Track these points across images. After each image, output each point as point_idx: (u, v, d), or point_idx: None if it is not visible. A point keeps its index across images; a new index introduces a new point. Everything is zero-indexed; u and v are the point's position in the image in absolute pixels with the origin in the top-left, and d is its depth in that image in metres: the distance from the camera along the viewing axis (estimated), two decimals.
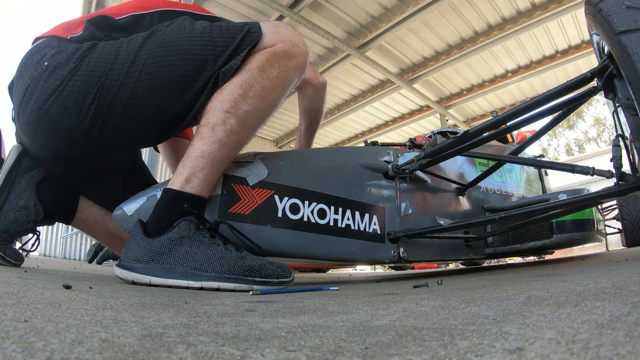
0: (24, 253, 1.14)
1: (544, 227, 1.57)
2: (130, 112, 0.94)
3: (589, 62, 5.36)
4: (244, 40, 0.97)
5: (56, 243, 6.98)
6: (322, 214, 1.17)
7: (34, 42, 1.01)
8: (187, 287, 0.81)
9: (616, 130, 0.93)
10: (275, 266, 0.87)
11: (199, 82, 0.95)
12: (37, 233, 1.16)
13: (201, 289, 0.81)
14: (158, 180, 1.29)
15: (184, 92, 0.95)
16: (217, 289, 0.82)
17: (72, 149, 0.98)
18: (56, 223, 1.25)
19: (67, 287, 0.65)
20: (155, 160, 4.10)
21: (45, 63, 0.92)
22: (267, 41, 0.99)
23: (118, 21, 1.06)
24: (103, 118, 0.93)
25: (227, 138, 0.92)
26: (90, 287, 0.72)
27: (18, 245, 1.12)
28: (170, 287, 0.82)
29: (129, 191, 1.13)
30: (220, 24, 1.00)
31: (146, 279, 0.83)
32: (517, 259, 4.91)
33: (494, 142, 2.14)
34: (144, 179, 1.30)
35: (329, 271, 5.68)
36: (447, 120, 6.77)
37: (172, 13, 1.10)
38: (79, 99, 0.91)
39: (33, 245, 1.16)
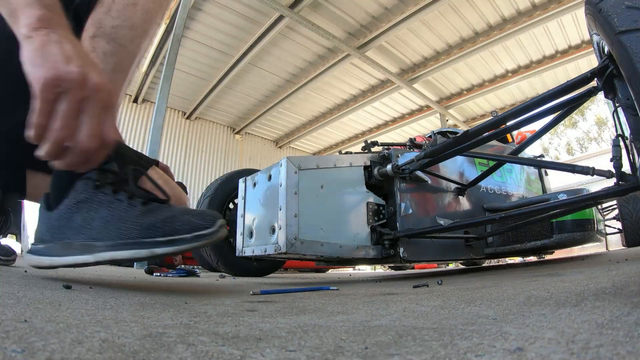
0: (4, 239, 1.10)
1: (544, 227, 1.57)
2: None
3: (589, 62, 5.36)
4: None
5: None
6: None
7: None
8: (84, 264, 0.67)
9: (616, 130, 0.93)
10: (189, 216, 0.66)
11: None
12: (7, 211, 1.08)
13: (97, 264, 0.67)
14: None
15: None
16: (112, 261, 0.66)
17: None
18: None
19: (67, 287, 0.65)
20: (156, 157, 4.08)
21: None
22: None
23: None
24: None
25: (103, 64, 0.73)
26: (91, 287, 0.72)
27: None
28: (70, 266, 0.68)
29: None
30: None
31: (46, 261, 0.70)
32: (517, 259, 4.91)
33: (494, 142, 2.14)
34: None
35: (329, 271, 5.68)
36: (447, 120, 6.77)
37: None
38: None
39: (5, 225, 1.10)
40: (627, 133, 0.84)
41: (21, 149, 1.03)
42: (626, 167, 0.89)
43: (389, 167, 1.39)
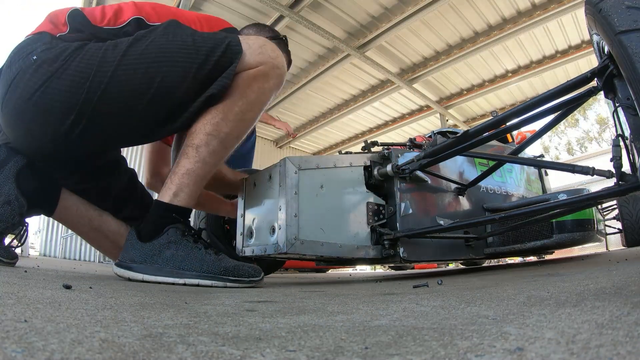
0: (17, 247, 1.13)
1: (544, 227, 1.57)
2: (114, 115, 0.99)
3: (589, 62, 5.35)
4: (225, 55, 1.02)
5: (56, 243, 6.97)
6: None
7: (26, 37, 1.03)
8: (173, 283, 0.94)
9: (616, 130, 0.93)
10: (247, 267, 1.00)
11: (181, 90, 1.00)
12: (25, 225, 1.15)
13: (184, 284, 0.94)
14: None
15: (167, 100, 1.01)
16: (197, 285, 0.95)
17: (52, 143, 1.01)
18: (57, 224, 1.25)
19: (67, 287, 0.65)
20: None
21: (34, 57, 0.94)
22: (251, 61, 1.05)
23: (99, 28, 1.07)
24: (87, 117, 0.96)
25: (209, 157, 1.04)
26: (90, 287, 0.72)
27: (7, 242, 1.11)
28: (159, 283, 0.95)
29: (110, 192, 1.21)
30: (202, 34, 1.04)
31: (139, 276, 0.97)
32: (517, 259, 4.91)
33: (494, 142, 2.13)
34: (130, 183, 1.30)
35: (329, 271, 5.68)
36: (447, 120, 6.76)
37: (145, 25, 1.08)
38: (65, 96, 0.93)
39: (22, 237, 1.15)
40: (627, 133, 0.84)
41: (68, 170, 1.14)
42: (626, 167, 0.89)
43: (389, 167, 1.39)
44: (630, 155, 0.88)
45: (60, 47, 0.96)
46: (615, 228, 3.25)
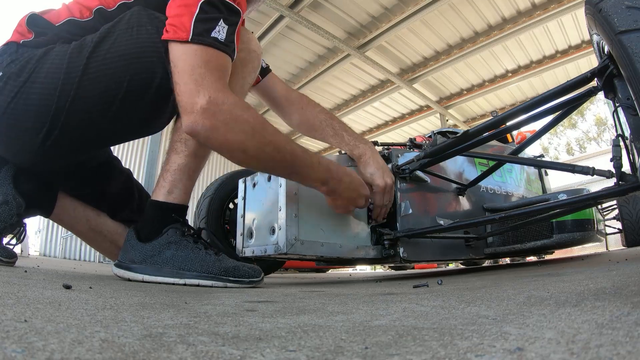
0: (17, 247, 1.13)
1: (544, 227, 1.57)
2: (87, 121, 0.96)
3: (589, 62, 5.35)
4: None
5: (56, 243, 6.97)
6: None
7: None
8: (173, 284, 0.95)
9: (616, 130, 0.93)
10: (247, 267, 1.00)
11: (153, 88, 0.95)
12: (23, 225, 1.15)
13: (184, 285, 0.95)
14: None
15: (140, 100, 0.95)
16: (198, 285, 0.95)
17: (30, 155, 1.00)
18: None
19: (67, 287, 0.65)
20: (156, 158, 4.10)
21: (0, 73, 0.92)
22: None
23: (61, 26, 1.02)
24: (61, 127, 0.93)
25: (199, 149, 1.03)
26: (90, 287, 0.72)
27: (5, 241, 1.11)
28: (159, 283, 0.95)
29: (105, 197, 1.21)
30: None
31: (139, 276, 0.97)
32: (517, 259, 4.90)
33: (494, 142, 2.13)
34: (126, 186, 1.30)
35: (329, 271, 5.68)
36: (447, 120, 6.76)
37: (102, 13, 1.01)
38: (36, 109, 0.92)
39: (20, 236, 1.15)
40: (627, 133, 0.84)
41: (62, 175, 1.14)
42: (626, 167, 0.89)
43: (389, 167, 1.39)
44: (630, 155, 0.87)
45: (24, 57, 0.93)
46: (615, 228, 3.25)
